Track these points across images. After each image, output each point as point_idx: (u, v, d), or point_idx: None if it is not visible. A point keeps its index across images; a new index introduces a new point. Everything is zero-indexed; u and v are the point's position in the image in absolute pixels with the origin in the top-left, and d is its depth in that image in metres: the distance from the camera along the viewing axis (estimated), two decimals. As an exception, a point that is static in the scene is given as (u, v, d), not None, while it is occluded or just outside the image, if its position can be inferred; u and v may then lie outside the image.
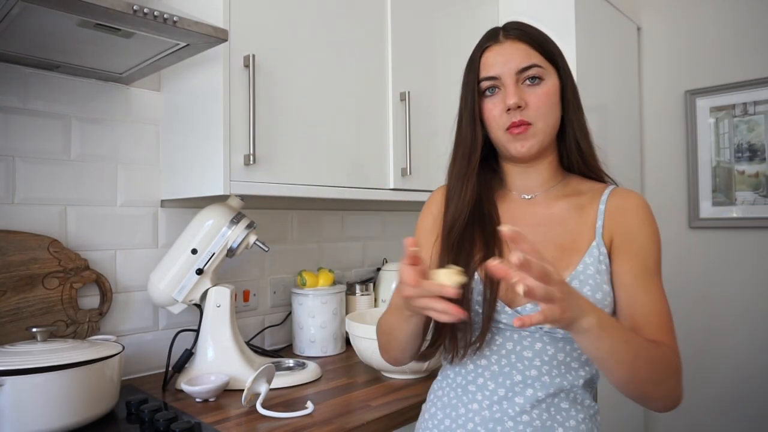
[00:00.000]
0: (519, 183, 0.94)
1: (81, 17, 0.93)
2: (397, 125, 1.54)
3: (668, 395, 0.77)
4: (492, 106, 0.88)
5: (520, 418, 0.81)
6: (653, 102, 2.26)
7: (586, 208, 0.88)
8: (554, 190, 0.92)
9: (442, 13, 1.70)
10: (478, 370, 0.87)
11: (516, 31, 0.88)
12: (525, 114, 0.85)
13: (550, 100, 0.86)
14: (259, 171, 1.22)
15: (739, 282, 2.04)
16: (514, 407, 0.82)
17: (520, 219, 0.90)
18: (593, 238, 0.85)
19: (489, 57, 0.88)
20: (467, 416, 0.85)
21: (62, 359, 0.95)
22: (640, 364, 0.73)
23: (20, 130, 1.22)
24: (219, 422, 1.04)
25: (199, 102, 1.26)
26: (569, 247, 0.85)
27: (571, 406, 0.84)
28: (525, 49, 0.86)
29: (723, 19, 2.08)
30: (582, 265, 0.83)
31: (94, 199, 1.33)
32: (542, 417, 0.82)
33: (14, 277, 1.18)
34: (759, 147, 1.98)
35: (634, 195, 0.89)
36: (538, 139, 0.86)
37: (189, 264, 1.27)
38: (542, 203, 0.91)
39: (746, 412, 2.01)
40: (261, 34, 1.23)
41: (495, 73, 0.86)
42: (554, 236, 0.87)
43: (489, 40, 0.89)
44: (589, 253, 0.83)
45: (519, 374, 0.83)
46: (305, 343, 1.56)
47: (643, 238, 0.84)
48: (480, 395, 0.85)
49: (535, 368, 0.83)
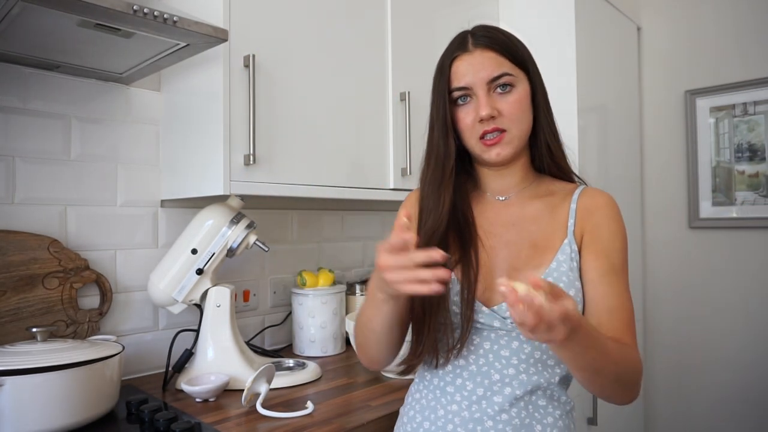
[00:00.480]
0: (493, 185, 0.95)
1: (81, 17, 0.93)
2: (397, 125, 1.54)
3: (629, 392, 0.81)
4: (464, 115, 0.88)
5: (500, 417, 0.82)
6: (653, 102, 2.26)
7: (558, 208, 0.90)
8: (527, 190, 0.94)
9: (442, 13, 1.70)
10: (456, 371, 0.87)
11: (485, 39, 0.87)
12: (498, 122, 0.86)
13: (522, 105, 0.87)
14: (259, 171, 1.22)
15: (739, 282, 2.04)
16: (493, 406, 0.83)
17: (495, 220, 0.92)
18: (565, 236, 0.87)
19: (459, 66, 0.88)
20: (446, 417, 0.85)
21: (62, 359, 0.95)
22: (610, 368, 0.75)
23: (20, 130, 1.22)
24: (219, 422, 1.04)
25: (199, 102, 1.26)
26: (543, 246, 0.87)
27: (549, 403, 0.85)
28: (495, 58, 0.86)
29: (723, 19, 2.08)
30: (555, 262, 0.85)
31: (94, 199, 1.33)
32: (521, 415, 0.83)
33: (14, 277, 1.18)
34: (759, 147, 1.98)
35: (603, 194, 0.91)
36: (512, 146, 0.88)
37: (189, 264, 1.27)
38: (516, 204, 0.93)
39: (746, 412, 2.01)
40: (261, 34, 1.23)
41: (466, 83, 0.87)
42: (528, 235, 0.89)
43: (458, 49, 0.89)
44: (562, 250, 0.86)
45: (497, 373, 0.84)
46: (305, 343, 1.56)
47: (609, 235, 0.86)
48: (458, 396, 0.86)
49: (513, 367, 0.84)
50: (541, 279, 0.62)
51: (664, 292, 2.20)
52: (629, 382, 0.79)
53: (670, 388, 2.21)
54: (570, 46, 1.77)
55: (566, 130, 1.75)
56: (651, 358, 2.26)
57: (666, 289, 2.20)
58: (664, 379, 2.22)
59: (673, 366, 2.19)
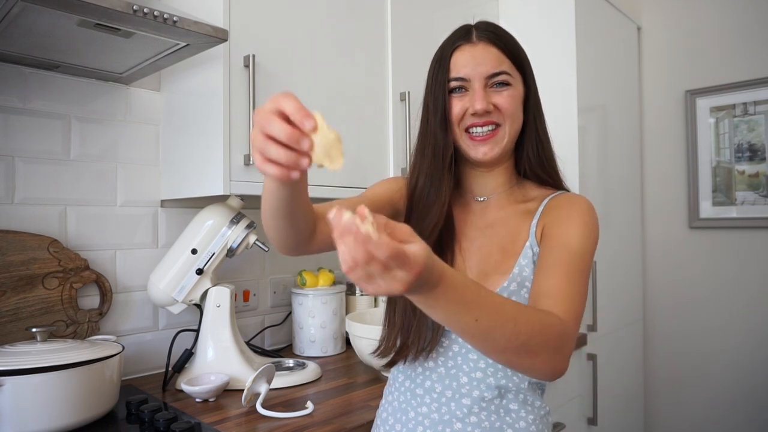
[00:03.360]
0: (474, 186, 0.94)
1: (81, 17, 0.93)
2: (397, 125, 1.54)
3: (547, 359, 0.66)
4: (454, 104, 0.87)
5: (468, 419, 0.82)
6: (653, 102, 2.26)
7: (530, 212, 0.88)
8: (507, 194, 0.92)
9: (442, 13, 1.70)
10: (425, 373, 0.87)
11: (489, 34, 0.87)
12: (494, 116, 0.85)
13: (516, 103, 0.87)
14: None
15: (739, 282, 2.04)
16: (462, 408, 0.83)
17: (471, 221, 0.91)
18: (527, 238, 0.85)
19: (460, 57, 0.86)
20: (417, 420, 0.85)
21: (62, 359, 0.95)
22: (507, 328, 0.62)
23: (20, 130, 1.22)
24: (219, 422, 1.04)
25: (198, 102, 1.26)
26: (509, 250, 0.86)
27: (521, 407, 0.84)
28: (497, 54, 0.85)
29: (723, 19, 2.08)
30: (517, 267, 0.83)
31: (94, 199, 1.33)
32: (491, 418, 0.82)
33: (14, 277, 1.17)
34: (759, 147, 1.98)
35: (576, 196, 0.88)
36: (502, 144, 0.86)
37: (189, 264, 1.27)
38: (494, 206, 0.91)
39: (746, 412, 2.01)
40: (261, 34, 1.23)
41: (465, 74, 0.85)
42: (499, 239, 0.87)
43: (461, 39, 0.87)
44: (524, 254, 0.84)
45: (465, 376, 0.84)
46: (305, 343, 1.56)
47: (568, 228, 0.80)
48: (428, 398, 0.86)
49: (480, 370, 0.83)
50: (368, 210, 0.49)
51: (664, 292, 2.20)
52: (543, 346, 0.65)
53: (670, 388, 2.21)
54: (570, 46, 1.77)
55: (566, 130, 1.77)
56: (651, 357, 2.26)
57: (666, 289, 2.20)
58: (664, 379, 2.22)
59: (673, 366, 2.19)
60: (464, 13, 1.79)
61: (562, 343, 0.67)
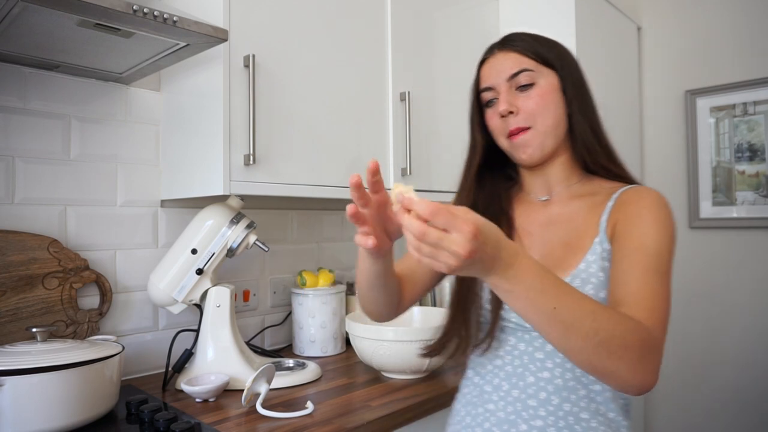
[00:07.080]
0: (533, 185, 0.95)
1: (81, 17, 0.93)
2: (397, 125, 1.54)
3: (629, 365, 0.62)
4: (491, 115, 0.92)
5: (533, 422, 0.80)
6: (653, 102, 2.26)
7: (597, 207, 0.86)
8: (570, 189, 0.91)
9: (442, 13, 1.70)
10: (495, 371, 0.87)
11: (507, 42, 0.91)
12: (520, 120, 0.87)
13: (545, 100, 0.86)
14: (259, 171, 1.22)
15: (739, 282, 2.04)
16: (528, 409, 0.81)
17: (532, 219, 0.92)
18: (597, 235, 0.82)
19: (485, 69, 0.93)
20: (484, 416, 0.86)
21: (62, 359, 0.95)
22: (586, 323, 0.61)
23: (20, 130, 1.22)
24: (219, 422, 1.04)
25: (199, 102, 1.26)
26: (575, 245, 0.84)
27: (592, 417, 0.79)
28: (515, 57, 0.89)
29: (723, 19, 2.08)
30: (584, 263, 0.81)
31: (94, 199, 1.33)
32: (558, 424, 0.79)
33: (14, 277, 1.17)
34: (759, 147, 1.98)
35: (648, 189, 0.84)
36: (538, 142, 0.87)
37: (189, 264, 1.27)
38: (557, 203, 0.91)
39: (746, 412, 2.01)
40: (261, 34, 1.23)
41: (490, 83, 0.90)
42: (562, 235, 0.87)
43: (486, 54, 0.94)
44: (592, 250, 0.81)
45: (532, 376, 0.82)
46: (305, 343, 1.56)
47: (644, 227, 0.77)
48: (495, 396, 0.85)
49: (548, 370, 0.81)
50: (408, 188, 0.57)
51: (664, 292, 2.20)
52: (624, 349, 0.61)
53: (670, 388, 2.21)
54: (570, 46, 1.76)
55: (566, 130, 1.76)
56: (651, 358, 2.26)
57: (666, 289, 2.20)
58: (664, 379, 2.22)
59: (673, 365, 2.19)
60: (464, 13, 1.80)
61: (646, 351, 0.63)
